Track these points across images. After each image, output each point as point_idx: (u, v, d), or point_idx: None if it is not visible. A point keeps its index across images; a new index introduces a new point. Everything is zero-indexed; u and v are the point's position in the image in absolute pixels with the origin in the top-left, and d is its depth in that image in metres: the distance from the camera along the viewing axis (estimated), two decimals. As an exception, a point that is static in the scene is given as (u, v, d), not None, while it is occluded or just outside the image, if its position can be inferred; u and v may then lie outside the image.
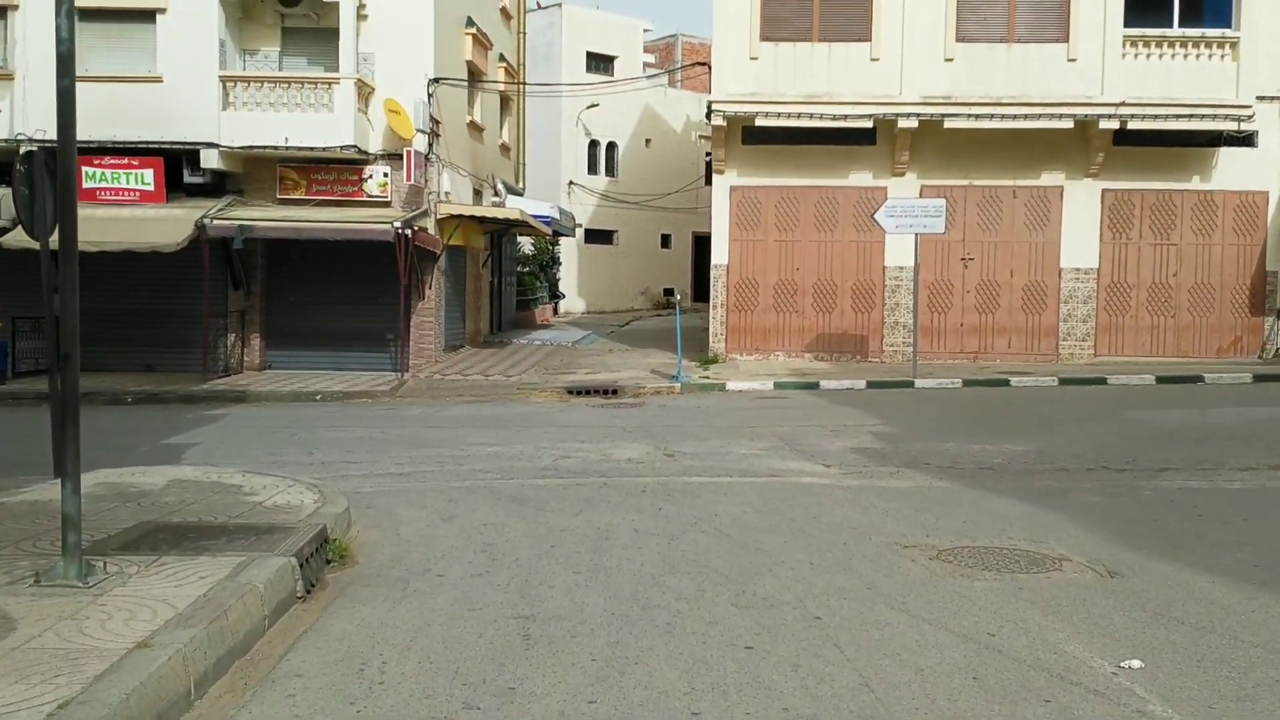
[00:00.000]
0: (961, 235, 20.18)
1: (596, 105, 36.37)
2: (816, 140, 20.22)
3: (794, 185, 20.55)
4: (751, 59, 19.73)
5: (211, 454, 10.89)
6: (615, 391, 17.50)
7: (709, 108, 20.41)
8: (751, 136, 20.41)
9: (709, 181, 41.56)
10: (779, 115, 19.65)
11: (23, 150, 19.10)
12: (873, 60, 19.66)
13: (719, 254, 20.79)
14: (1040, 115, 19.54)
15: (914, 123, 19.55)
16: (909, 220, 17.95)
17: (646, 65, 40.44)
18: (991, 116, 19.50)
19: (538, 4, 36.56)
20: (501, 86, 25.93)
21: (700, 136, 40.66)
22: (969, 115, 19.52)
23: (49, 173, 8.54)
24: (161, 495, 7.51)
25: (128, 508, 7.05)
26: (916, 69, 19.64)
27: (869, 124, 19.63)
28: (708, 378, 18.46)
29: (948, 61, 19.66)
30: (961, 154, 20.28)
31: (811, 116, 19.60)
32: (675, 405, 15.35)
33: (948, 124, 19.53)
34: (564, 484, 8.92)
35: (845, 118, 19.56)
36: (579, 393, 17.53)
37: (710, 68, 20.69)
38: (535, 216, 24.45)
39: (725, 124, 19.87)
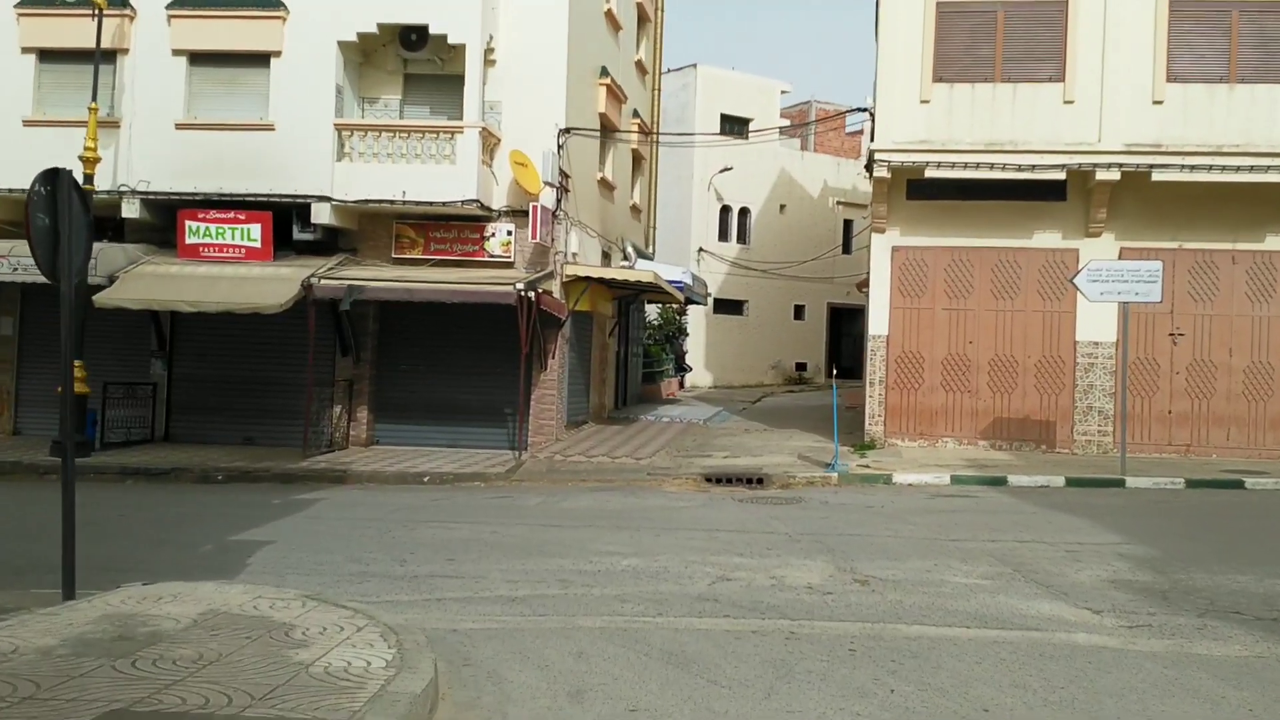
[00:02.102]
0: (1170, 307, 17.15)
1: (730, 169, 34.38)
2: (995, 194, 17.59)
3: (968, 246, 17.89)
4: (922, 102, 17.30)
5: (284, 559, 8.78)
6: (761, 481, 14.99)
7: (870, 157, 18.00)
8: (919, 190, 17.90)
9: (846, 250, 39.40)
10: (953, 165, 17.11)
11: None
12: (1066, 103, 17.01)
13: (878, 324, 18.20)
14: (1269, 168, 16.53)
15: (1115, 174, 16.75)
16: (1117, 286, 15.10)
17: (782, 131, 38.35)
18: (1210, 168, 16.56)
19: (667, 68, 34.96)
20: (635, 139, 24.04)
21: (839, 203, 38.39)
22: (1182, 166, 16.63)
23: (79, 196, 6.63)
24: (177, 643, 5.34)
25: (117, 670, 4.87)
26: (1118, 113, 16.89)
27: (1060, 175, 16.91)
28: (867, 467, 15.79)
29: (1156, 104, 16.87)
30: (1169, 212, 17.36)
31: (992, 167, 16.99)
32: (839, 502, 12.72)
33: (1156, 176, 16.67)
34: (734, 630, 6.44)
35: (1033, 168, 16.89)
36: (719, 481, 15.08)
37: (872, 116, 18.33)
38: (669, 282, 22.29)
39: (889, 175, 17.41)
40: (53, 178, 6.53)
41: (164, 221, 17.96)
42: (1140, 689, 5.26)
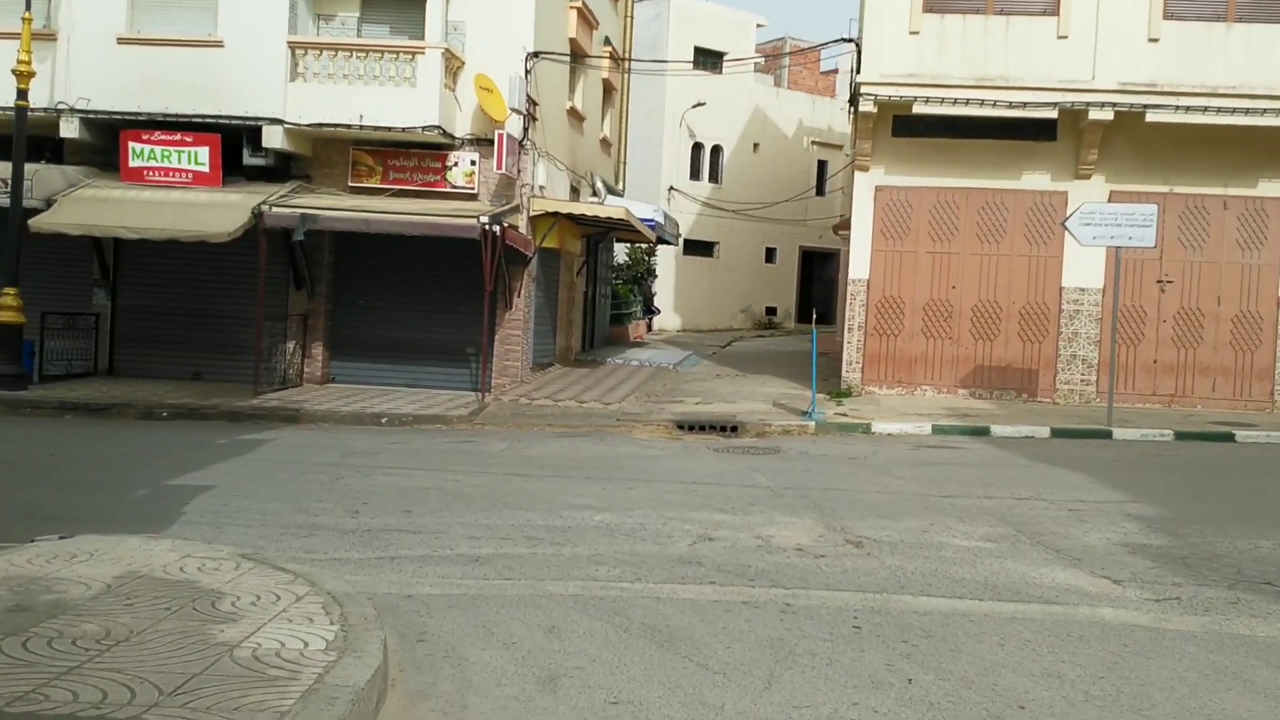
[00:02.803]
0: (1159, 253, 16.56)
1: (703, 105, 33.33)
2: (984, 133, 16.84)
3: (954, 186, 17.17)
4: (911, 33, 16.43)
5: (225, 506, 8.00)
6: (735, 429, 14.34)
7: (855, 90, 17.17)
8: (905, 127, 17.11)
9: (820, 192, 38.54)
10: (942, 101, 16.31)
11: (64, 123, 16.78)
12: (1060, 38, 16.22)
13: (858, 267, 17.49)
14: (1265, 110, 15.91)
15: (1109, 114, 16.04)
16: (1110, 230, 14.47)
17: (756, 66, 37.21)
18: (1205, 109, 15.90)
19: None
20: (606, 67, 22.97)
21: (814, 143, 37.49)
22: (1176, 107, 15.95)
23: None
24: (83, 615, 4.57)
25: (2, 653, 4.10)
26: (1113, 50, 16.14)
27: (1053, 113, 16.16)
28: (845, 416, 15.19)
29: (1152, 42, 16.13)
30: (1161, 155, 16.71)
31: (982, 104, 16.22)
32: (820, 453, 12.10)
33: (1150, 116, 15.98)
34: (722, 601, 5.77)
35: (1024, 105, 16.13)
36: (691, 428, 14.42)
37: (858, 47, 17.45)
38: (641, 220, 21.39)
39: (875, 110, 16.57)
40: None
41: (106, 143, 16.79)
42: (1190, 680, 4.64)
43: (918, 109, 16.39)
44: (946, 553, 7.04)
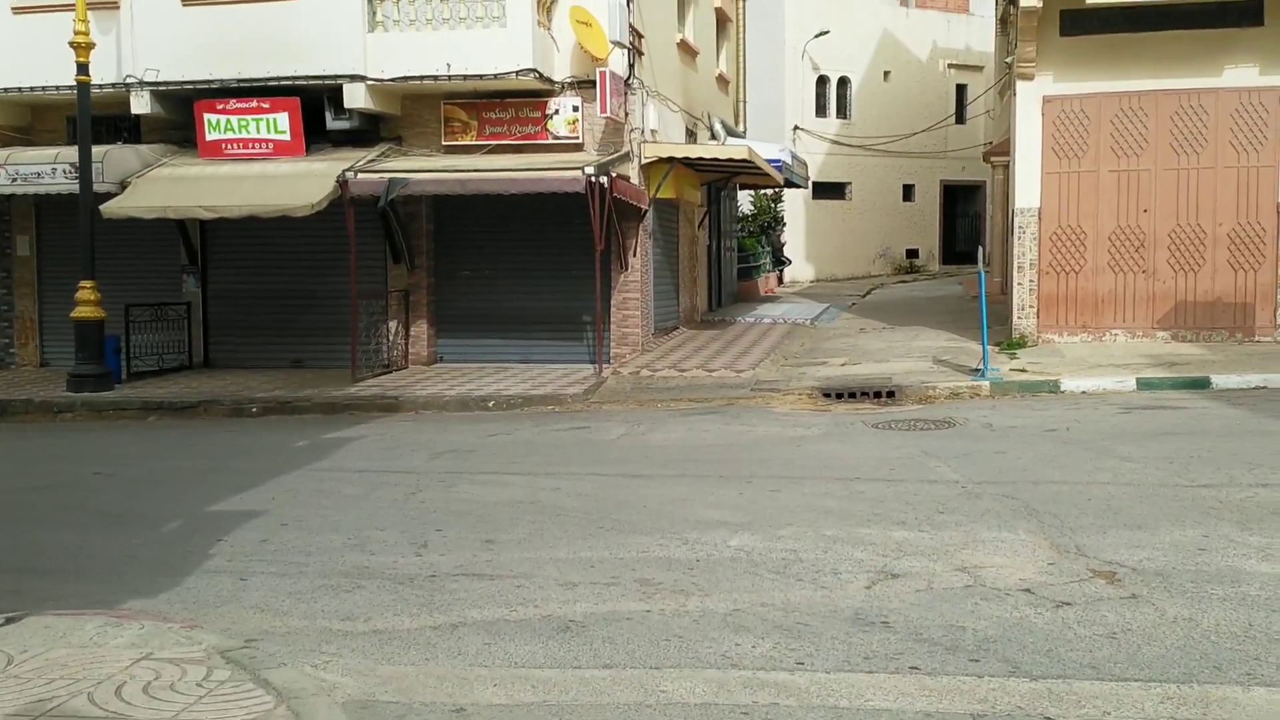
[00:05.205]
0: None
1: (826, 33, 30.55)
2: (1174, 22, 14.03)
3: (1139, 90, 14.37)
4: (1082, -92, 13.71)
5: (265, 543, 6.35)
6: (893, 394, 12.17)
7: (1015, -14, 14.52)
8: (1076, 23, 14.40)
9: (960, 119, 35.27)
10: (1124, -13, 13.58)
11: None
12: (1272, -106, 13.26)
13: (1026, 194, 14.91)
14: None
15: (1339, -17, 13.05)
16: (1358, 126, 11.62)
17: (883, -11, 34.10)
18: None
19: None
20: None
21: (950, 65, 34.26)
22: None
23: None
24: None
25: None
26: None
27: (1264, -10, 13.25)
28: (1024, 371, 12.81)
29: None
30: (1406, 30, 13.61)
31: (1175, -14, 13.42)
32: (1006, 424, 9.81)
33: (1395, -18, 12.93)
34: (938, 715, 3.72)
35: (1230, -17, 13.27)
36: (839, 396, 12.32)
37: (1014, -67, 14.74)
38: (767, 160, 19.12)
39: (1039, 4, 13.91)
40: None
41: (182, 117, 15.51)
42: None
43: (1092, -1, 13.68)
44: (1251, 588, 4.82)
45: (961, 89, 34.29)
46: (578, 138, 15.19)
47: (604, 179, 13.67)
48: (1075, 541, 5.70)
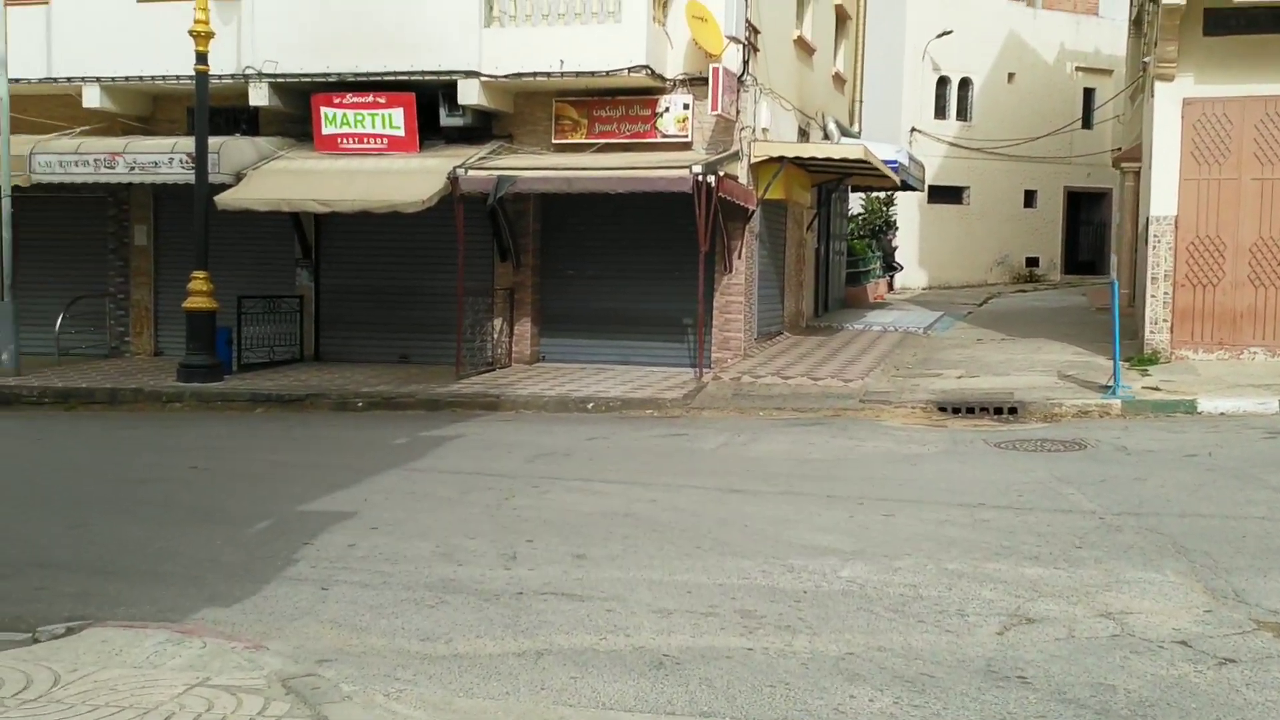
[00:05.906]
0: None
1: (949, 33, 29.60)
2: (1333, 22, 13.02)
3: (1289, 95, 13.43)
4: (1233, -102, 12.81)
5: (350, 550, 6.19)
6: (1015, 411, 11.54)
7: (1156, -17, 13.67)
8: (1220, 22, 13.49)
9: (1087, 124, 33.84)
10: (1279, -18, 12.64)
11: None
12: None
13: (1162, 202, 14.04)
14: None
15: None
16: None
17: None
18: None
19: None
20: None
21: (1078, 69, 32.93)
22: None
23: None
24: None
25: None
26: None
27: None
28: (1158, 390, 12.02)
29: None
30: None
31: (1336, -20, 12.43)
32: (1142, 446, 9.13)
33: None
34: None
35: (1401, -23, 12.23)
36: (956, 411, 11.74)
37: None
38: (883, 162, 18.49)
39: (1183, 2, 13.06)
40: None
41: (300, 110, 15.67)
42: None
43: (1242, -5, 12.77)
44: None
45: (1089, 92, 32.92)
46: (687, 136, 14.88)
47: (711, 178, 13.33)
48: (1232, 585, 5.14)
